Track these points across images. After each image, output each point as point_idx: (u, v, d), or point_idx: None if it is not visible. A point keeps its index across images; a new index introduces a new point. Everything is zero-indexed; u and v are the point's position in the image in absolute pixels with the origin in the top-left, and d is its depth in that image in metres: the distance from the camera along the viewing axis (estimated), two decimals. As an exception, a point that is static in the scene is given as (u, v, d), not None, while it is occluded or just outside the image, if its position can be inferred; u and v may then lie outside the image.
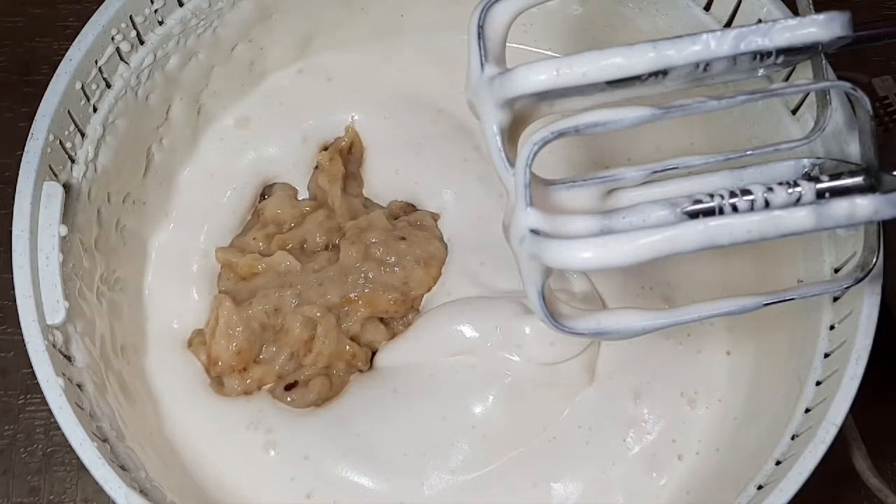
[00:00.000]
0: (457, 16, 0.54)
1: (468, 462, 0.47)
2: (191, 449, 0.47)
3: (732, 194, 0.34)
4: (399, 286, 0.50)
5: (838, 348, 0.41)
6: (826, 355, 0.41)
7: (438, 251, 0.51)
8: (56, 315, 0.39)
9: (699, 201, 0.34)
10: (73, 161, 0.44)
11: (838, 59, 0.38)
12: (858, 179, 0.35)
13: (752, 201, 0.34)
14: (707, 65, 0.34)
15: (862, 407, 0.39)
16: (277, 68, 0.54)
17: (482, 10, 0.35)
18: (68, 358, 0.41)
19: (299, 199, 0.53)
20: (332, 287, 0.49)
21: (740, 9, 0.45)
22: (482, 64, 0.35)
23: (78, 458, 0.37)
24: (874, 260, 0.37)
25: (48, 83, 0.42)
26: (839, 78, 0.37)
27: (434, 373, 0.49)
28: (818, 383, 0.41)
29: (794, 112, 0.45)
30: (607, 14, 0.51)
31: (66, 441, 0.37)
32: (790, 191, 0.34)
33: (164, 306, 0.50)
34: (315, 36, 0.54)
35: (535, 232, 0.34)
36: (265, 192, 0.53)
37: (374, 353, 0.50)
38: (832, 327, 0.42)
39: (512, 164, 0.35)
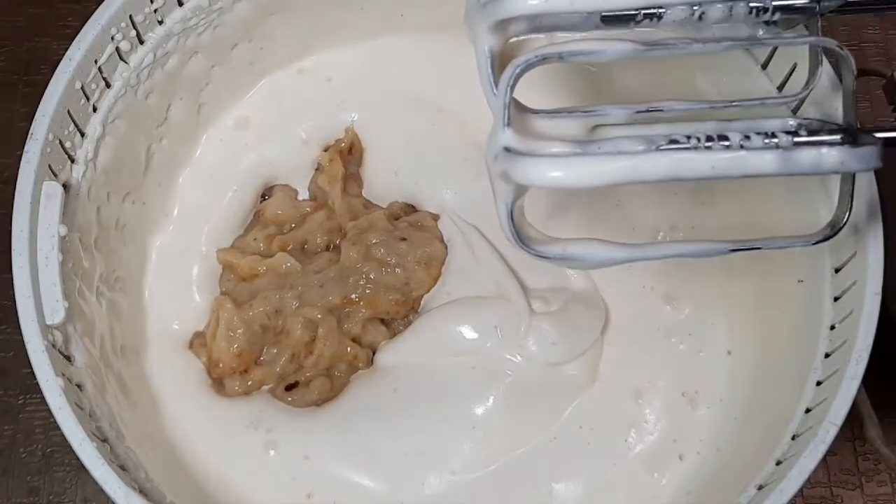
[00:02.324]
0: (457, 16, 0.53)
1: (469, 462, 0.47)
2: (191, 449, 0.47)
3: (709, 138, 0.35)
4: (400, 287, 0.50)
5: (839, 348, 0.40)
6: (826, 355, 0.41)
7: (439, 252, 0.51)
8: (56, 315, 0.39)
9: (675, 141, 0.35)
10: (72, 161, 0.43)
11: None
12: (836, 137, 0.35)
13: (728, 146, 0.34)
14: (702, 13, 0.35)
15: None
16: (277, 68, 0.54)
17: None
18: (68, 358, 0.40)
19: (300, 199, 0.53)
20: (333, 288, 0.49)
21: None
22: None
23: (77, 458, 0.37)
24: (844, 218, 0.37)
25: (48, 83, 0.42)
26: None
27: (434, 373, 0.49)
28: (819, 383, 0.41)
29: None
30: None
31: (66, 441, 0.37)
32: (766, 140, 0.35)
33: (165, 307, 0.50)
34: (315, 36, 0.53)
35: (508, 150, 0.34)
36: (265, 193, 0.53)
37: (374, 353, 0.50)
38: (833, 327, 0.42)
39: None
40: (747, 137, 0.35)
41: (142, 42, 0.46)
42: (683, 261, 0.37)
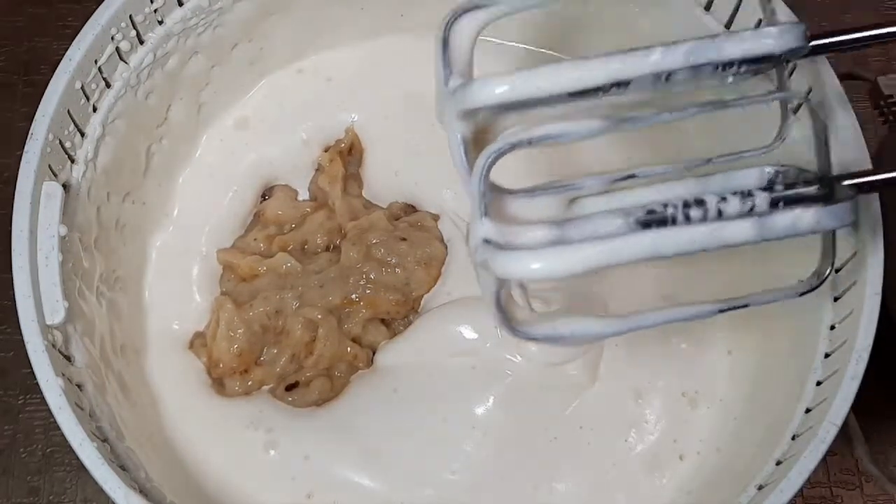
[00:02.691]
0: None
1: (469, 462, 0.47)
2: (191, 449, 0.47)
3: (686, 204, 0.35)
4: (401, 287, 0.50)
5: (839, 348, 0.40)
6: (826, 355, 0.41)
7: (439, 252, 0.51)
8: (56, 315, 0.39)
9: (652, 211, 0.35)
10: (72, 161, 0.43)
11: (841, 57, 0.38)
12: (812, 189, 0.36)
13: (706, 210, 0.35)
14: (668, 76, 0.35)
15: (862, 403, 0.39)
16: (277, 68, 0.54)
17: (446, 24, 0.36)
18: (68, 358, 0.40)
19: (300, 200, 0.53)
20: (333, 288, 0.49)
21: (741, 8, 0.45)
22: (446, 76, 0.36)
23: (78, 459, 0.37)
24: (828, 269, 0.37)
25: (48, 83, 0.42)
26: (843, 76, 0.37)
27: (435, 373, 0.49)
28: (819, 383, 0.41)
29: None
30: (609, 15, 0.51)
31: (66, 441, 0.37)
32: (744, 200, 0.35)
33: (165, 307, 0.50)
34: (315, 36, 0.53)
35: (487, 241, 0.35)
36: (266, 194, 0.53)
37: (374, 353, 0.50)
38: (833, 327, 0.42)
39: None
40: (724, 199, 0.35)
41: (142, 42, 0.46)
42: (683, 259, 0.37)
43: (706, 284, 0.50)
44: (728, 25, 0.45)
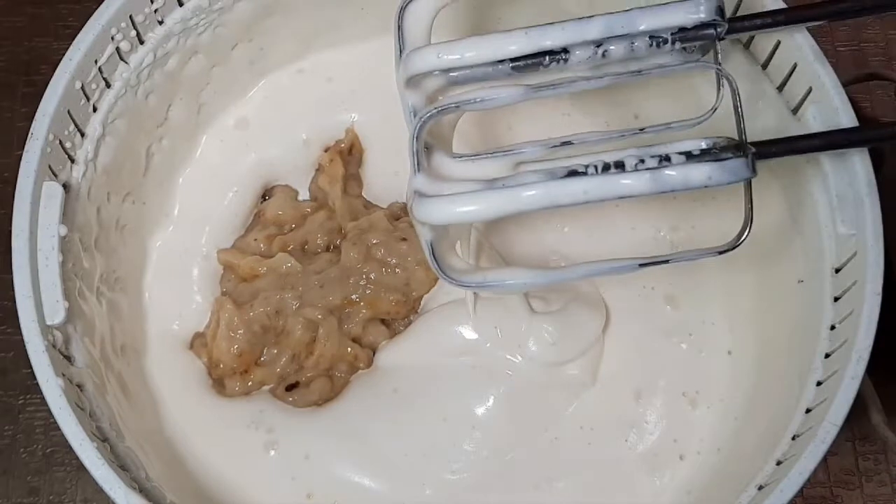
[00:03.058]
0: (457, 16, 0.54)
1: (469, 462, 0.47)
2: (191, 449, 0.47)
3: (606, 166, 0.38)
4: (401, 287, 0.49)
5: (839, 348, 0.40)
6: (827, 355, 0.41)
7: (439, 252, 0.51)
8: (56, 315, 0.39)
9: (574, 171, 0.39)
10: (72, 161, 0.43)
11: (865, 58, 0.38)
12: (729, 153, 0.38)
13: (623, 171, 0.38)
14: (605, 51, 0.39)
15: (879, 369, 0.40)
16: (277, 68, 0.54)
17: (399, 10, 0.40)
18: (68, 358, 0.40)
19: (300, 200, 0.53)
20: (333, 288, 0.49)
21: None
22: (400, 53, 0.40)
23: (78, 459, 0.37)
24: (746, 230, 0.39)
25: (48, 83, 0.42)
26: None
27: (435, 373, 0.49)
28: (819, 383, 0.41)
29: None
30: None
31: (66, 441, 0.37)
32: (661, 163, 0.38)
33: (165, 307, 0.50)
34: (315, 36, 0.53)
35: (417, 193, 0.39)
36: (266, 194, 0.53)
37: (374, 353, 0.50)
38: (833, 327, 0.41)
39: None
40: (642, 161, 0.38)
41: (142, 42, 0.46)
42: (685, 267, 0.38)
43: (707, 287, 0.50)
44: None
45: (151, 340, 0.49)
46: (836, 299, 0.42)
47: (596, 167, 0.38)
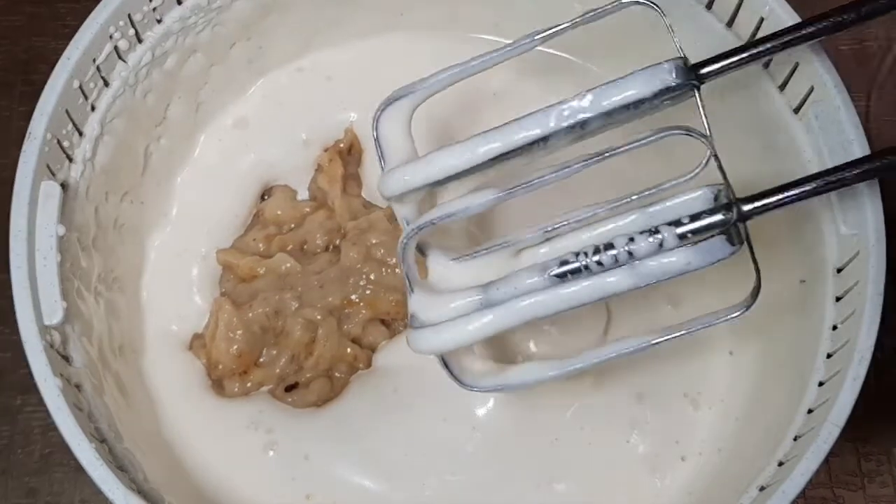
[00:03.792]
0: (457, 15, 0.54)
1: (469, 463, 0.47)
2: (190, 449, 0.47)
3: (596, 250, 0.38)
4: (401, 287, 0.49)
5: (841, 349, 0.40)
6: (828, 356, 0.41)
7: (438, 251, 0.51)
8: (54, 315, 0.39)
9: (566, 262, 0.38)
10: (70, 160, 0.43)
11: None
12: (719, 215, 0.37)
13: (616, 255, 0.37)
14: (583, 124, 0.38)
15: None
16: (276, 67, 0.54)
17: (374, 119, 0.41)
18: (66, 358, 0.40)
19: (299, 200, 0.53)
20: (332, 289, 0.49)
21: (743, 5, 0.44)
22: (381, 163, 0.41)
23: (76, 459, 0.37)
24: (756, 292, 0.38)
25: (46, 81, 0.42)
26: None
27: (435, 373, 0.48)
28: (821, 384, 0.41)
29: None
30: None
31: (64, 442, 0.37)
32: (650, 239, 0.37)
33: (163, 307, 0.50)
34: (314, 34, 0.53)
35: (413, 319, 0.40)
36: (265, 193, 0.53)
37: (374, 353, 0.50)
38: (835, 327, 0.41)
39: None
40: (632, 240, 0.37)
41: (140, 41, 0.45)
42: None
43: (708, 286, 0.50)
44: (730, 24, 0.45)
45: (150, 341, 0.49)
46: (837, 299, 0.42)
47: (587, 253, 0.38)
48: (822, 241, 0.43)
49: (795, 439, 0.40)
